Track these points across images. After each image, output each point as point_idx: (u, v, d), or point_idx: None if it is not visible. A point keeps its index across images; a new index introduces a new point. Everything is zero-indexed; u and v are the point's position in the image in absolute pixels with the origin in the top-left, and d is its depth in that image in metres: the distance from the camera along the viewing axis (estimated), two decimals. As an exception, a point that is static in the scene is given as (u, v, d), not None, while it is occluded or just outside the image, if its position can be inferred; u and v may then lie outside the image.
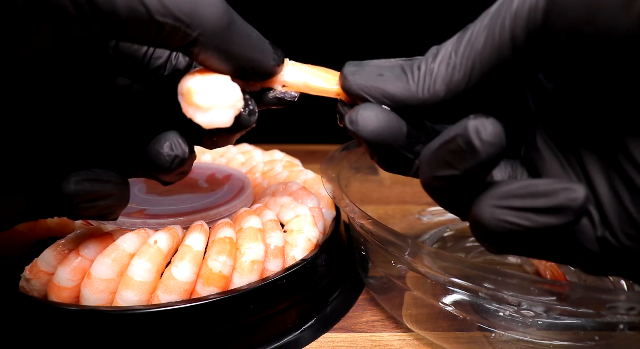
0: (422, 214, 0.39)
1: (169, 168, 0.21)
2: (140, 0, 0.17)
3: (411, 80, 0.18)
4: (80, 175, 0.20)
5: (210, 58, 0.19)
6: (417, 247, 0.22)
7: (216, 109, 0.19)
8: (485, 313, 0.24)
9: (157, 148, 0.21)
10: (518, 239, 0.16)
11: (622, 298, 0.19)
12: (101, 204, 0.21)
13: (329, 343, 0.26)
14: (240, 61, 0.19)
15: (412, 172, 0.20)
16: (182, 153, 0.21)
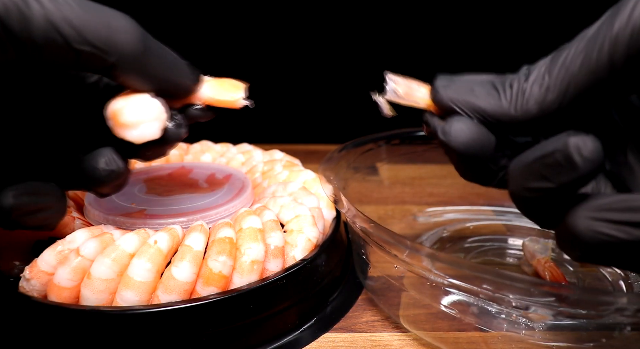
0: (418, 215, 0.39)
1: (105, 183, 0.22)
2: (57, 29, 0.17)
3: (503, 97, 0.19)
4: (19, 189, 0.20)
5: (129, 80, 0.20)
6: (416, 248, 0.22)
7: (142, 124, 0.21)
8: (484, 314, 0.24)
9: (92, 164, 0.22)
10: (613, 251, 0.17)
11: (622, 299, 0.19)
12: (39, 216, 0.21)
13: (329, 343, 0.26)
14: (158, 82, 0.21)
15: (494, 183, 0.21)
16: (117, 168, 0.22)
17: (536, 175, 0.17)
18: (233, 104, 0.24)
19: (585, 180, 0.16)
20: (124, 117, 0.21)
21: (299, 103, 0.58)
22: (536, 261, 0.32)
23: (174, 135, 0.23)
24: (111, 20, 0.19)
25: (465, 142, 0.20)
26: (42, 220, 0.21)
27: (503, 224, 0.38)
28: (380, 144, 0.38)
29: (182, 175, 0.34)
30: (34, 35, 0.17)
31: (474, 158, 0.20)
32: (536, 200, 0.18)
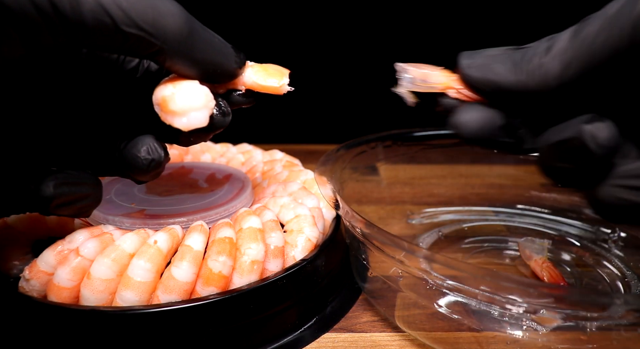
0: (417, 215, 0.39)
1: (146, 171, 0.22)
2: (106, 11, 0.18)
3: (523, 73, 0.20)
4: (59, 179, 0.21)
5: (176, 64, 0.20)
6: (413, 249, 0.22)
7: (191, 112, 0.21)
8: (481, 315, 0.24)
9: (134, 152, 0.22)
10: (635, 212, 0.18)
11: (619, 300, 0.19)
12: (77, 205, 0.22)
13: (329, 343, 0.26)
14: (205, 65, 0.21)
15: (520, 151, 0.22)
16: (159, 157, 0.22)
17: (558, 157, 0.19)
18: (277, 90, 0.23)
19: (603, 161, 0.18)
20: (173, 104, 0.21)
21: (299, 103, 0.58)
22: (534, 261, 0.32)
23: (220, 122, 0.22)
24: (158, 3, 0.19)
25: (475, 131, 0.21)
26: (80, 208, 0.22)
27: (502, 224, 0.38)
28: (380, 144, 0.38)
29: (182, 175, 0.34)
30: (84, 18, 0.17)
31: (487, 140, 0.21)
32: (563, 174, 0.20)
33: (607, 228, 0.37)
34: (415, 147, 0.39)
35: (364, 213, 0.33)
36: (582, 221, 0.38)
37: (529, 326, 0.24)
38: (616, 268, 0.32)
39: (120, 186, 0.31)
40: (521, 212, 0.40)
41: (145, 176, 0.22)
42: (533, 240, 0.33)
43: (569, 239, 0.36)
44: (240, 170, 0.35)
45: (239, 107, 0.24)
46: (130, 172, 0.22)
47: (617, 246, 0.35)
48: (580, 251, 0.35)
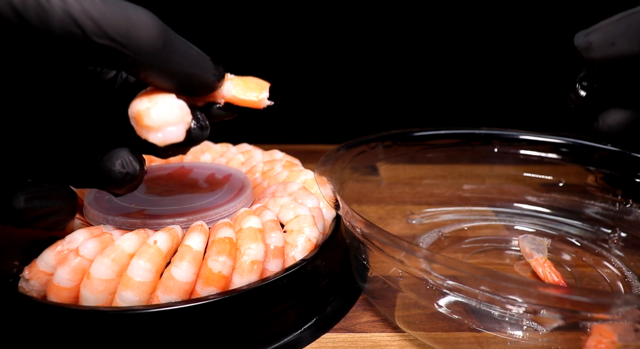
0: (417, 216, 0.39)
1: (121, 184, 0.22)
2: (75, 22, 0.17)
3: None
4: (31, 193, 0.20)
5: (150, 76, 0.20)
6: (413, 249, 0.22)
7: (167, 127, 0.21)
8: (481, 315, 0.24)
9: (109, 165, 0.21)
10: None
11: (619, 300, 0.19)
12: (50, 218, 0.21)
13: (329, 343, 0.26)
14: (181, 78, 0.20)
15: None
16: (134, 171, 0.22)
17: None
18: (256, 104, 0.23)
19: None
20: (148, 119, 0.20)
21: (299, 103, 0.58)
22: (534, 261, 0.32)
23: (198, 136, 0.22)
24: (131, 14, 0.18)
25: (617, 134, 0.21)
26: (53, 222, 0.22)
27: (502, 224, 0.38)
28: (380, 144, 0.38)
29: (182, 175, 0.34)
30: (52, 28, 0.17)
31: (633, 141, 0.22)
32: None
33: (607, 228, 0.37)
34: (415, 147, 0.39)
35: (364, 213, 0.33)
36: (582, 221, 0.38)
37: (529, 326, 0.23)
38: (616, 268, 0.32)
39: (120, 187, 0.31)
40: (521, 212, 0.40)
41: (120, 189, 0.22)
42: (534, 237, 0.33)
43: (569, 239, 0.36)
44: (240, 170, 0.35)
45: (219, 120, 0.23)
46: (106, 184, 0.22)
47: (617, 246, 0.35)
48: (580, 251, 0.35)
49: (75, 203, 0.22)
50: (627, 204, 0.37)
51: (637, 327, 0.21)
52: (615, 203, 0.37)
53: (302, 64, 0.57)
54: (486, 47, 0.55)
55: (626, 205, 0.37)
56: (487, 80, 0.57)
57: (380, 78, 0.58)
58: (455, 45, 0.56)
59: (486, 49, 0.55)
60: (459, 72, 0.57)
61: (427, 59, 0.57)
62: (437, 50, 0.56)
